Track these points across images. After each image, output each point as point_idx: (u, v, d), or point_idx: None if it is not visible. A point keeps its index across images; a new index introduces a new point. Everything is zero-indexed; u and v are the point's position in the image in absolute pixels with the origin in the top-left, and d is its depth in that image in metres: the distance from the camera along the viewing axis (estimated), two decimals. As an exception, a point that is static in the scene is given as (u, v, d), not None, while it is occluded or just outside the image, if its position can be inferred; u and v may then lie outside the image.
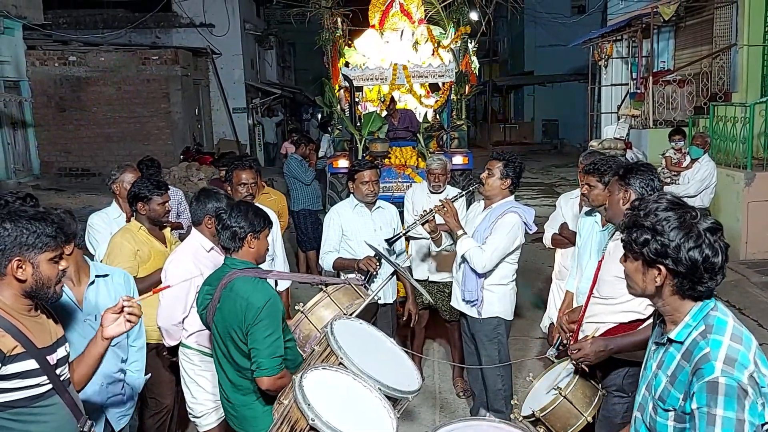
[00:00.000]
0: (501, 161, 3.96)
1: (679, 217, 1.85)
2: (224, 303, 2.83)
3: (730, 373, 1.75)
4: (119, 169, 4.68)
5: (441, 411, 4.88)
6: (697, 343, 1.85)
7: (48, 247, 2.21)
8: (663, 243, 1.84)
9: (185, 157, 15.24)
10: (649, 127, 11.08)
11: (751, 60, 10.20)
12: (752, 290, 7.23)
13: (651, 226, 1.87)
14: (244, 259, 2.91)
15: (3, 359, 2.11)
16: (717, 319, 1.87)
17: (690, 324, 1.89)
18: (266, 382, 2.74)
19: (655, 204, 1.91)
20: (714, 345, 1.81)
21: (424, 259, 5.13)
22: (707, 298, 1.89)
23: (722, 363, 1.77)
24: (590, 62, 15.89)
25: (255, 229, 2.89)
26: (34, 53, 15.67)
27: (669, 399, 1.89)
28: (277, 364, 2.76)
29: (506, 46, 34.72)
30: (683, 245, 1.82)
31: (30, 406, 2.21)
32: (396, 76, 8.26)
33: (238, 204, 2.98)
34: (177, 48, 17.10)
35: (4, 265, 2.16)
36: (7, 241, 2.15)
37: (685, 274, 1.84)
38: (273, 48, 24.18)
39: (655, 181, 3.02)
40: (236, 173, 4.19)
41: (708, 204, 6.97)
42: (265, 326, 2.72)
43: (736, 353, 1.79)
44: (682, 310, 1.91)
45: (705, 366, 1.79)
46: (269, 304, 2.75)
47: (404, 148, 8.06)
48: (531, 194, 14.49)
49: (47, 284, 2.22)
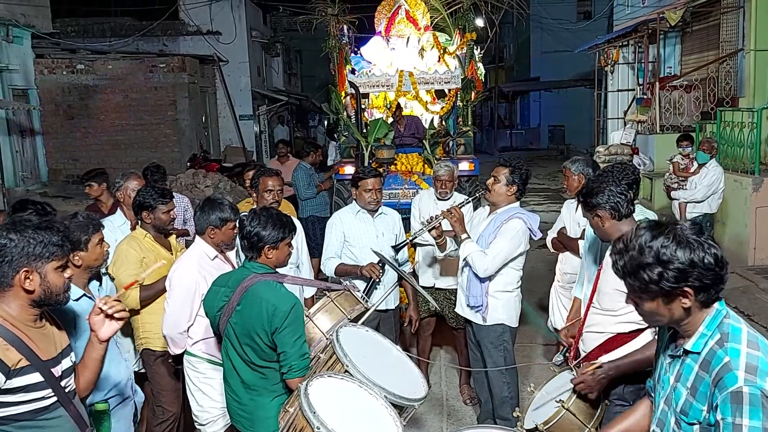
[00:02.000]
0: (507, 168, 3.96)
1: (672, 237, 1.82)
2: (246, 306, 2.87)
3: (753, 382, 1.73)
4: (123, 177, 4.72)
5: (448, 419, 4.86)
6: (714, 352, 1.83)
7: (55, 257, 2.20)
8: (678, 268, 1.79)
9: (192, 164, 15.30)
10: (656, 133, 11.06)
11: (758, 65, 10.16)
12: (761, 296, 7.18)
13: (656, 258, 1.81)
14: (264, 264, 2.97)
15: (7, 373, 2.09)
16: (731, 326, 1.85)
17: (705, 334, 1.86)
18: (297, 383, 2.77)
19: (640, 239, 1.86)
20: (733, 354, 1.79)
21: (430, 265, 5.12)
22: (718, 301, 1.87)
23: (744, 372, 1.75)
24: (596, 68, 15.89)
25: (272, 241, 2.92)
26: (42, 61, 15.79)
27: (692, 412, 1.86)
28: (306, 365, 2.84)
29: (512, 52, 34.75)
30: (696, 257, 1.79)
31: (35, 419, 2.19)
32: (402, 83, 8.27)
33: (260, 213, 2.98)
34: (184, 56, 17.22)
35: (11, 276, 2.15)
36: (14, 252, 2.14)
37: (710, 285, 1.81)
38: (279, 55, 24.29)
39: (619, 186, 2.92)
40: (262, 180, 4.20)
41: (715, 209, 6.94)
42: (293, 330, 2.80)
43: (756, 360, 1.77)
44: (697, 321, 1.88)
45: (727, 376, 1.77)
46: (295, 308, 2.83)
47: (410, 154, 8.05)
48: (537, 200, 14.45)
49: (56, 293, 2.22)
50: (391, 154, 7.75)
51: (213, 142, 19.31)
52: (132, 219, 4.43)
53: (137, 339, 3.93)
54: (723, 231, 8.51)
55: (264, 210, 3.04)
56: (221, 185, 13.78)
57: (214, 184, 13.60)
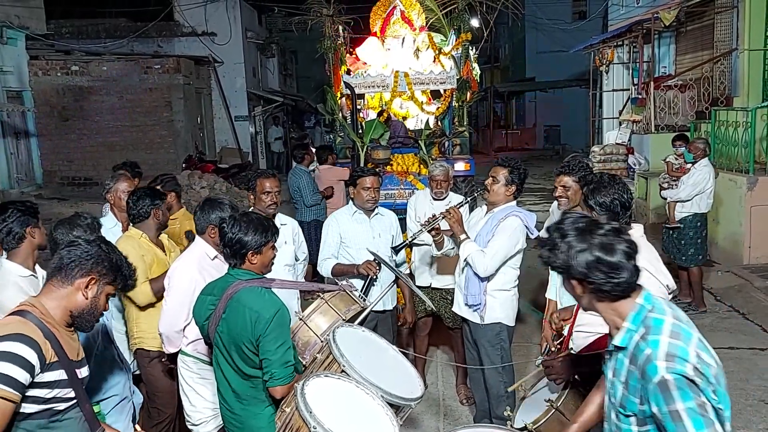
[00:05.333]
0: (506, 168, 3.98)
1: (572, 225, 1.99)
2: (231, 314, 2.82)
3: (673, 368, 1.81)
4: (113, 179, 4.66)
5: (444, 418, 4.87)
6: (638, 346, 1.91)
7: (115, 284, 2.39)
8: (561, 258, 1.97)
9: (187, 165, 15.28)
10: (651, 132, 11.08)
11: (752, 64, 10.19)
12: (756, 295, 7.21)
13: (551, 241, 2.01)
14: (248, 270, 2.91)
15: (44, 365, 2.17)
16: (654, 319, 1.92)
17: (630, 329, 1.95)
18: (280, 391, 2.75)
19: (560, 224, 2.04)
20: (653, 345, 1.87)
21: (427, 265, 5.12)
22: (633, 294, 1.95)
23: (664, 361, 1.83)
24: (591, 68, 15.90)
25: (255, 247, 2.86)
26: (36, 63, 15.75)
27: (629, 405, 1.94)
28: (289, 372, 2.77)
29: (507, 53, 34.80)
30: (572, 253, 1.94)
31: (48, 421, 2.25)
32: (397, 83, 8.28)
33: (240, 219, 2.93)
34: (179, 57, 17.19)
35: (77, 276, 2.29)
36: (94, 257, 2.31)
37: (588, 279, 1.93)
38: (275, 56, 24.26)
39: (622, 196, 3.03)
40: (260, 181, 4.12)
41: (706, 209, 6.90)
42: (275, 337, 2.72)
43: (676, 349, 1.85)
44: (621, 315, 1.97)
45: (648, 367, 1.85)
46: (278, 314, 2.75)
47: (406, 155, 8.07)
48: (533, 200, 14.48)
49: (94, 314, 2.36)
50: (386, 155, 7.77)
51: (208, 143, 19.28)
52: (123, 221, 4.41)
53: (131, 339, 3.91)
54: (718, 230, 8.54)
55: (244, 215, 2.99)
56: (217, 186, 13.77)
57: (209, 186, 13.59)
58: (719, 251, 8.54)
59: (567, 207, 3.82)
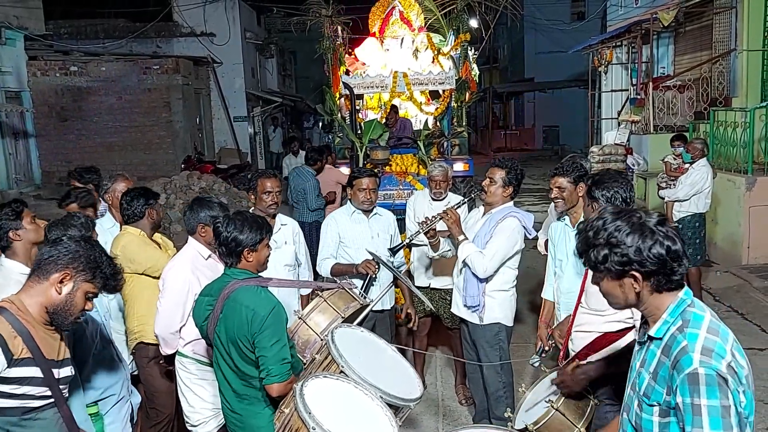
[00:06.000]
0: (503, 169, 3.98)
1: (628, 222, 1.91)
2: (228, 313, 2.82)
3: (708, 363, 1.79)
4: (111, 179, 4.66)
5: (444, 419, 4.86)
6: (675, 337, 1.89)
7: (94, 282, 2.34)
8: (623, 252, 1.89)
9: (186, 165, 15.26)
10: (650, 133, 11.09)
11: (750, 65, 10.20)
12: (755, 295, 7.21)
13: (604, 241, 1.91)
14: (244, 269, 2.91)
15: (10, 360, 2.14)
16: (694, 314, 1.92)
17: (668, 320, 1.93)
18: (276, 388, 2.75)
19: (600, 221, 1.96)
20: (691, 338, 1.85)
21: (425, 266, 5.12)
22: (681, 287, 1.94)
23: (700, 354, 1.81)
24: (590, 68, 15.92)
25: (250, 244, 2.86)
26: (35, 63, 15.74)
27: (653, 395, 1.93)
28: (286, 370, 2.77)
29: (506, 53, 34.83)
30: (644, 245, 1.87)
31: (22, 418, 2.22)
32: (396, 84, 8.27)
33: (234, 218, 2.93)
34: (178, 57, 17.18)
35: (52, 271, 2.27)
36: (69, 253, 2.30)
37: (656, 271, 1.89)
38: (274, 56, 24.26)
39: (625, 191, 3.05)
40: (261, 181, 4.11)
41: (704, 209, 6.91)
42: (271, 334, 2.73)
43: (713, 344, 1.83)
44: (662, 308, 1.95)
45: (683, 358, 1.83)
46: (274, 312, 2.76)
47: (405, 155, 8.06)
48: (532, 200, 14.48)
49: (71, 311, 2.31)
50: (385, 155, 7.75)
51: (207, 144, 19.28)
52: (121, 221, 4.41)
53: (131, 334, 3.88)
54: (717, 230, 8.55)
55: (238, 214, 3.00)
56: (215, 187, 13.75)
57: (208, 186, 13.56)
58: (718, 251, 8.54)
59: (563, 208, 3.80)
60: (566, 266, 3.66)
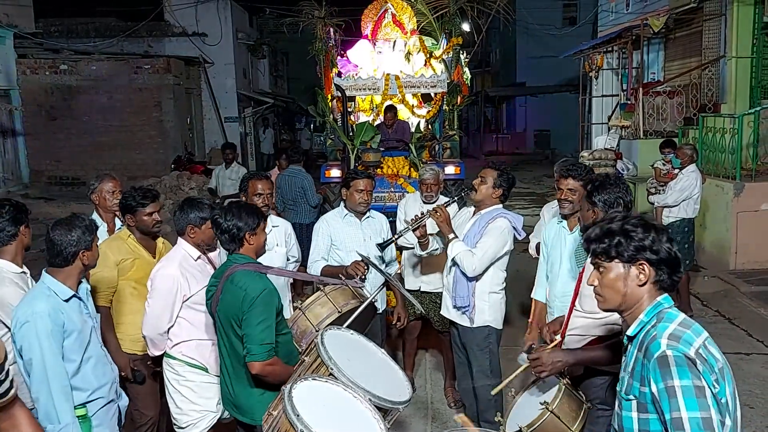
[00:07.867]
0: (496, 170, 3.99)
1: (641, 220, 2.03)
2: (225, 294, 2.99)
3: (675, 346, 1.85)
4: (98, 179, 4.58)
5: (432, 422, 4.86)
6: (648, 332, 1.97)
7: None
8: (639, 239, 1.98)
9: (176, 165, 15.21)
10: (640, 138, 11.16)
11: (739, 71, 10.30)
12: (742, 300, 7.27)
13: (620, 229, 2.01)
14: (246, 254, 3.08)
15: None
16: (668, 313, 2.00)
17: (643, 320, 2.01)
18: (256, 366, 2.87)
19: (614, 216, 2.11)
20: (661, 329, 1.93)
21: (416, 269, 5.12)
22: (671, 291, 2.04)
23: (667, 339, 1.88)
24: (581, 73, 16.00)
25: (251, 227, 3.05)
26: (24, 62, 15.63)
27: (631, 390, 1.98)
28: (266, 350, 2.88)
29: (498, 57, 34.93)
30: (658, 239, 1.98)
31: None
32: (388, 87, 8.27)
33: (229, 208, 3.10)
34: (169, 57, 17.12)
35: None
36: None
37: (665, 262, 1.98)
38: (266, 57, 24.24)
39: (626, 196, 3.05)
40: (252, 183, 4.12)
41: (693, 215, 6.96)
42: (258, 313, 2.87)
43: (682, 333, 1.90)
44: (642, 309, 2.03)
45: (652, 345, 1.90)
46: (264, 293, 2.90)
47: (396, 158, 8.06)
48: (523, 204, 14.53)
49: None
50: (377, 158, 7.75)
51: (198, 144, 19.21)
52: (109, 221, 4.37)
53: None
54: (705, 236, 8.61)
55: (231, 203, 3.20)
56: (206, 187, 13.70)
57: (198, 186, 13.51)
58: (706, 256, 8.60)
59: (570, 211, 3.63)
60: (560, 269, 3.65)
